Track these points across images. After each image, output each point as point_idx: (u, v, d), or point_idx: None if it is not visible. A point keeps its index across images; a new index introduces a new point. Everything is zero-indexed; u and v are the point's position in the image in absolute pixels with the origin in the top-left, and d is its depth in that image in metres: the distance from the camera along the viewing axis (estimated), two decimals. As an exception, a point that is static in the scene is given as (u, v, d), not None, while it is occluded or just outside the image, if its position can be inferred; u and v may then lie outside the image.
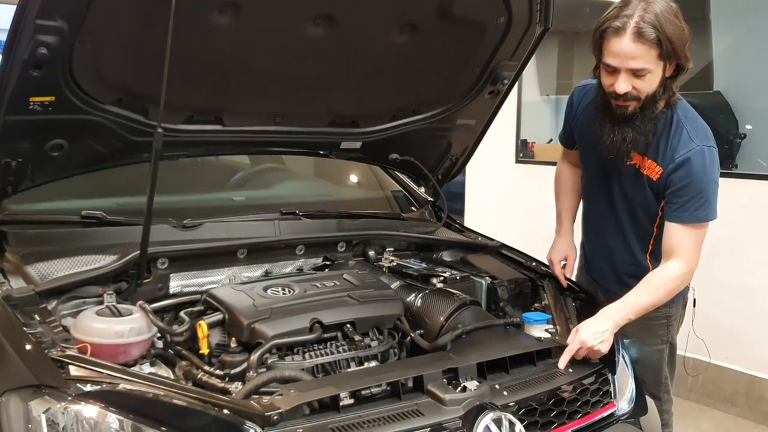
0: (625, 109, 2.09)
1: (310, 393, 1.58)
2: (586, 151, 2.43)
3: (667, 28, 1.96)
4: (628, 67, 2.01)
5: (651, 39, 1.95)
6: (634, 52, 1.98)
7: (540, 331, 2.10)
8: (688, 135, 2.11)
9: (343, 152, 2.61)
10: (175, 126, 2.13)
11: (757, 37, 4.05)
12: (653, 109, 2.09)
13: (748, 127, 4.09)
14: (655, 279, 2.16)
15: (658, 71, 2.03)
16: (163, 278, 2.06)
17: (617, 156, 2.18)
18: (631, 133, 2.11)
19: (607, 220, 2.36)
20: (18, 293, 1.76)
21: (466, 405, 1.65)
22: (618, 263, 2.38)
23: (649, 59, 1.99)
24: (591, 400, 1.91)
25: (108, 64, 1.89)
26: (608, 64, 2.05)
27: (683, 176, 2.10)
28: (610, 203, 2.34)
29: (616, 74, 2.04)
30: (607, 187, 2.33)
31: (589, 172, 2.46)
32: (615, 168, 2.27)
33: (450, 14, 2.20)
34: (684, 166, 2.10)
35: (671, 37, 1.97)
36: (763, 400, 3.74)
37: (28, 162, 1.98)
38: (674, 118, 2.15)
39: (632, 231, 2.31)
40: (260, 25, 1.99)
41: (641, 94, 2.05)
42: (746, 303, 3.77)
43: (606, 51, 2.04)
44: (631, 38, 1.96)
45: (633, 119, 2.10)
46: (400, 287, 2.23)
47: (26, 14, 1.63)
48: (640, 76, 2.02)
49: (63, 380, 1.50)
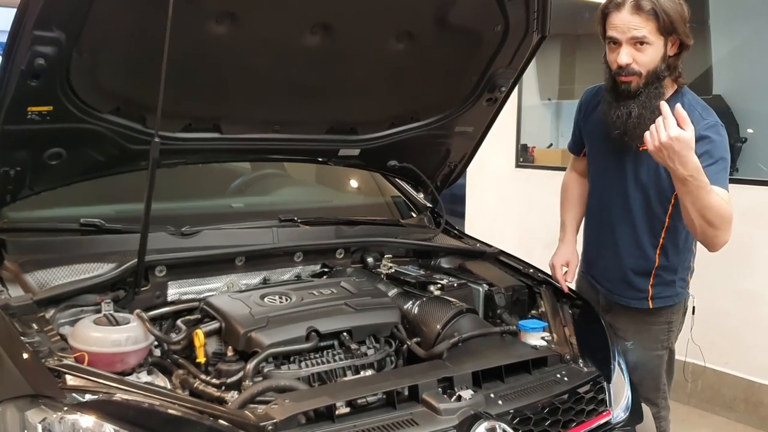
0: (629, 84, 2.21)
1: (304, 403, 1.58)
2: (597, 149, 2.48)
3: (663, 3, 2.13)
4: (628, 36, 2.16)
5: (648, 10, 2.13)
6: (632, 22, 2.15)
7: (536, 339, 2.10)
8: (700, 114, 2.23)
9: (342, 159, 2.62)
10: (172, 134, 2.14)
11: (758, 40, 4.05)
12: (657, 86, 2.21)
13: (749, 131, 4.08)
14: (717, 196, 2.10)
15: (658, 45, 2.18)
16: (161, 286, 2.07)
17: (624, 133, 2.25)
18: (636, 108, 2.21)
19: (618, 213, 2.39)
20: (16, 302, 1.77)
21: (461, 414, 1.66)
22: (625, 258, 2.39)
23: (648, 30, 2.15)
24: (586, 409, 1.91)
25: (105, 74, 1.90)
26: (611, 37, 2.21)
27: (701, 146, 2.13)
28: (622, 195, 2.37)
29: (618, 48, 2.20)
30: (620, 179, 2.36)
31: (599, 168, 2.49)
32: (627, 156, 2.32)
33: (447, 22, 2.22)
34: (701, 140, 2.15)
35: (668, 11, 2.13)
36: (762, 405, 3.75)
37: (26, 171, 1.99)
38: (685, 101, 2.24)
39: (644, 223, 2.34)
40: (257, 34, 2.00)
41: (642, 68, 2.19)
42: (745, 308, 3.78)
43: (608, 25, 2.21)
44: (630, 11, 2.15)
45: (637, 95, 2.21)
46: (397, 295, 2.24)
47: (24, 25, 1.65)
48: (641, 49, 2.17)
49: (59, 390, 1.51)
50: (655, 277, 2.38)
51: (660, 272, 2.37)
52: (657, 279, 2.38)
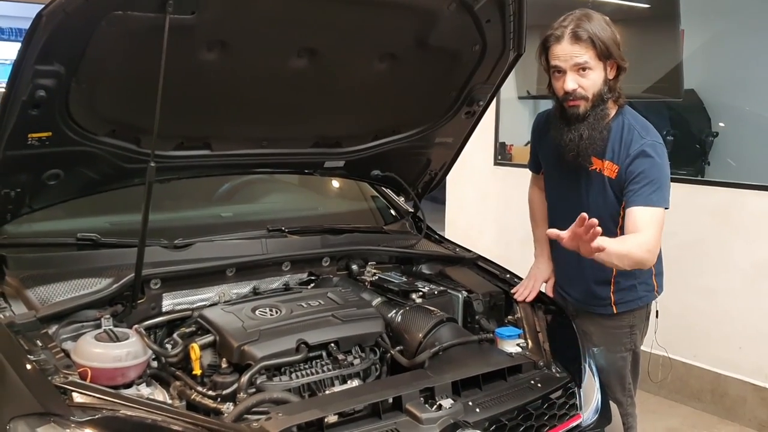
0: (577, 108, 2.35)
1: (297, 416, 1.70)
2: (552, 168, 2.61)
3: (598, 32, 2.29)
4: (571, 64, 2.31)
5: (585, 39, 2.28)
6: (573, 50, 2.30)
7: (512, 346, 2.23)
8: (639, 133, 2.37)
9: (327, 171, 2.72)
10: (165, 152, 2.23)
11: (730, 34, 4.06)
12: (603, 107, 2.36)
13: (720, 125, 4.15)
14: (628, 238, 2.26)
15: (599, 69, 2.33)
16: (156, 298, 2.17)
17: (578, 154, 2.38)
18: (586, 130, 2.36)
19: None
20: (20, 319, 1.87)
21: (441, 423, 1.78)
22: (585, 269, 2.50)
23: (588, 56, 2.30)
24: (558, 414, 2.03)
25: (102, 100, 1.98)
26: (555, 66, 2.35)
27: (638, 165, 2.32)
28: (578, 211, 2.46)
29: (563, 76, 2.34)
30: (575, 196, 2.48)
31: (555, 186, 2.61)
32: (581, 176, 2.45)
33: (427, 44, 2.31)
34: (639, 157, 2.33)
35: (602, 38, 2.29)
36: (727, 396, 3.91)
37: (26, 191, 2.07)
38: (624, 122, 2.40)
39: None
40: (246, 60, 2.09)
41: (587, 92, 2.34)
42: (713, 305, 3.93)
43: (551, 56, 2.36)
44: (569, 41, 2.30)
45: (586, 117, 2.35)
46: (381, 303, 2.35)
47: (26, 59, 1.73)
48: (584, 75, 2.31)
49: (66, 407, 1.60)
50: (615, 284, 2.50)
51: (619, 279, 2.49)
52: (617, 286, 2.50)
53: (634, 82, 4.51)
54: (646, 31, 4.57)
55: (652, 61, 4.38)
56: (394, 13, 2.16)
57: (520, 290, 2.52)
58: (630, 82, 4.70)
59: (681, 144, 4.28)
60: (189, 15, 1.84)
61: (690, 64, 4.16)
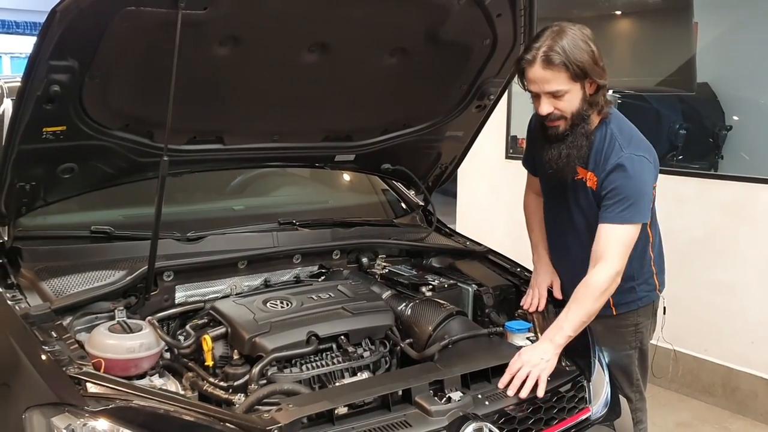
0: (556, 129, 2.29)
1: (307, 407, 1.72)
2: (543, 172, 2.55)
3: (572, 53, 2.16)
4: (544, 90, 2.22)
5: (557, 63, 2.16)
6: (545, 77, 2.19)
7: (522, 340, 2.24)
8: (620, 146, 2.29)
9: (338, 164, 2.75)
10: (178, 146, 2.26)
11: (745, 26, 4.00)
12: (584, 125, 2.28)
13: (734, 119, 4.09)
14: (581, 292, 2.23)
15: (575, 90, 2.22)
16: (169, 290, 2.21)
17: (558, 171, 2.34)
18: (565, 149, 2.30)
19: (568, 232, 2.48)
20: (35, 311, 1.90)
21: (450, 416, 1.80)
22: (581, 274, 2.39)
23: (561, 81, 2.19)
24: (567, 407, 2.05)
25: (115, 95, 2.01)
26: (530, 91, 2.27)
27: (612, 180, 2.26)
28: (569, 216, 2.46)
29: (539, 99, 2.26)
30: (565, 202, 2.46)
31: (547, 191, 2.58)
32: (569, 184, 2.41)
33: (438, 38, 2.32)
34: (614, 171, 2.26)
35: (577, 60, 2.17)
36: (738, 390, 3.90)
37: (41, 184, 2.11)
38: (608, 132, 2.33)
39: (589, 240, 2.36)
40: (258, 55, 2.10)
41: (565, 113, 2.25)
42: (724, 299, 3.91)
43: (525, 79, 2.26)
44: (541, 66, 2.18)
45: (565, 137, 2.29)
46: (391, 296, 2.37)
47: (40, 55, 1.75)
48: (559, 98, 2.22)
49: (81, 397, 1.63)
50: None
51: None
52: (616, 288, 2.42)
53: (647, 75, 4.52)
54: (660, 24, 4.54)
55: (665, 54, 4.36)
56: (404, 7, 2.17)
57: (528, 300, 2.49)
58: (643, 76, 4.65)
59: (694, 138, 4.25)
60: (201, 10, 1.85)
61: (703, 57, 4.13)
